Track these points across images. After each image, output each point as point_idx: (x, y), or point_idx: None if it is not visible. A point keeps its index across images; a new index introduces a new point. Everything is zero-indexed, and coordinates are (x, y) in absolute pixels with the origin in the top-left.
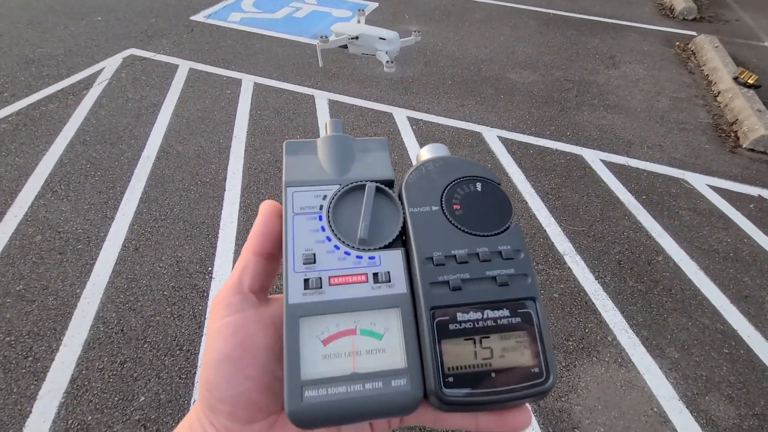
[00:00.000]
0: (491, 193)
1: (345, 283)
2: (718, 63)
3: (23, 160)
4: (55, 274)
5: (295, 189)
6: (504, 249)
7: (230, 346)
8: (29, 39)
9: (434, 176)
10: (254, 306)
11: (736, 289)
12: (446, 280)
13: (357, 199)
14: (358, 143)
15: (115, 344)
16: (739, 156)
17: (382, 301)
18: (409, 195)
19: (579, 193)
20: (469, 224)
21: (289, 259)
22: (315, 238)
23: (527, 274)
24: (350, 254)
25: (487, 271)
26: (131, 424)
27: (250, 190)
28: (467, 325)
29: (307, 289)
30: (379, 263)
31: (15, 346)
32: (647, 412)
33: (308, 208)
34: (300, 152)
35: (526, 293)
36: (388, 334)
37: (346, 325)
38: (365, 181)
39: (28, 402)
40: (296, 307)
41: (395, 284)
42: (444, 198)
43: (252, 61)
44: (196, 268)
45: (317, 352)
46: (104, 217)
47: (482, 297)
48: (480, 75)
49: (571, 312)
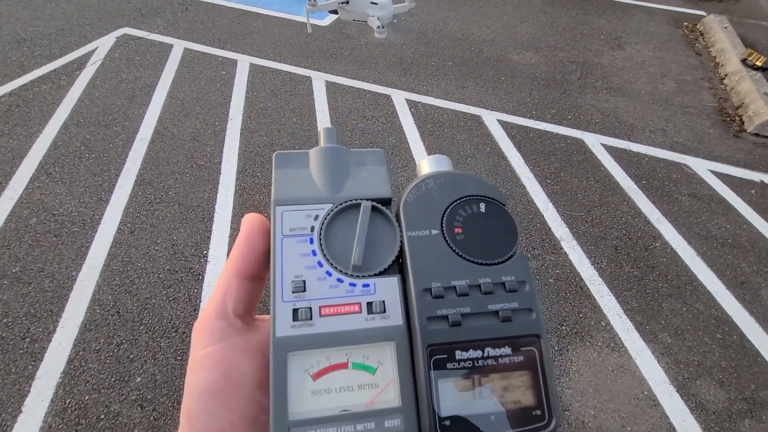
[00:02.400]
0: (496, 215)
1: (337, 313)
2: (727, 44)
3: (17, 142)
4: (50, 257)
5: (284, 208)
6: (507, 280)
7: (213, 378)
8: (20, 17)
9: (435, 195)
10: (239, 332)
11: (732, 275)
12: (445, 315)
13: (351, 220)
14: (353, 156)
15: (111, 326)
16: (743, 141)
17: (377, 334)
18: (408, 216)
19: (578, 177)
20: (471, 251)
21: (277, 286)
22: (305, 263)
23: (532, 309)
24: (343, 281)
25: (489, 305)
26: (128, 404)
27: (245, 173)
28: (466, 364)
29: (296, 320)
30: (374, 291)
31: (12, 328)
32: (638, 396)
33: (298, 229)
34: (291, 165)
35: (530, 330)
36: (381, 369)
37: (337, 359)
38: (360, 200)
39: (27, 382)
40: (284, 340)
41: (390, 315)
42: (445, 221)
43: (248, 41)
44: (191, 251)
45: (306, 388)
46: (99, 199)
47: (483, 334)
48: (481, 56)
49: (565, 297)
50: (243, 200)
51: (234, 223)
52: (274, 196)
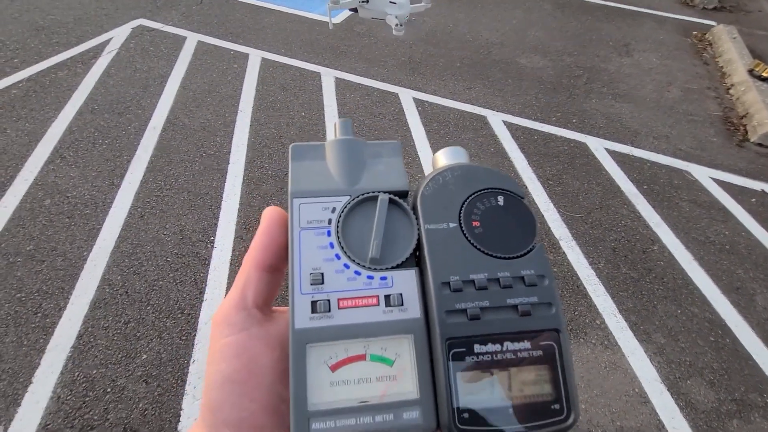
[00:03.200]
0: (514, 208)
1: (355, 306)
2: (734, 54)
3: (33, 126)
4: (63, 237)
5: (302, 200)
6: (527, 274)
7: (234, 368)
8: (39, 6)
9: (452, 188)
10: (259, 323)
11: (728, 280)
12: (464, 309)
13: (368, 212)
14: (369, 147)
15: (119, 305)
16: (746, 150)
17: (394, 327)
18: (425, 209)
19: (580, 180)
20: (490, 244)
21: (295, 279)
22: (323, 255)
23: (552, 303)
24: (360, 274)
25: (508, 299)
26: (134, 379)
27: (254, 164)
28: (485, 358)
29: (314, 312)
30: (392, 284)
31: (25, 303)
32: (628, 392)
33: (316, 222)
34: (307, 157)
35: (550, 324)
36: (399, 360)
37: (355, 351)
38: (377, 192)
39: (38, 354)
40: (303, 332)
41: (408, 308)
42: (462, 214)
43: (260, 36)
44: (198, 236)
45: (325, 380)
46: (111, 184)
47: (502, 328)
48: (489, 58)
49: (562, 295)
50: (250, 190)
51: (241, 212)
52: (292, 188)
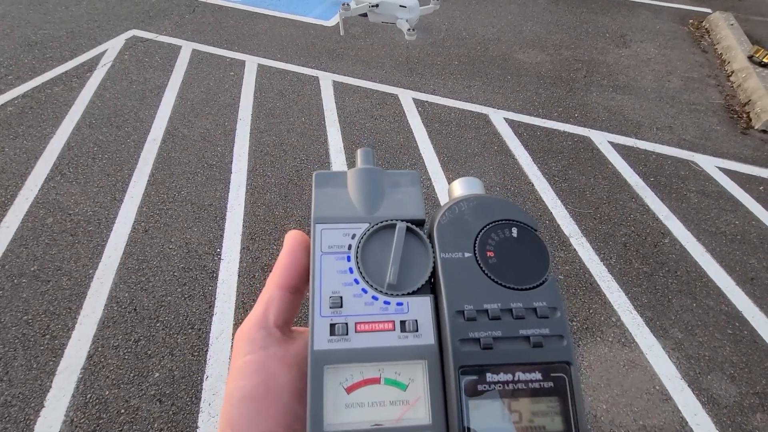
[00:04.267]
0: (528, 240)
1: (371, 330)
2: (733, 41)
3: (31, 143)
4: (67, 255)
5: (323, 226)
6: (539, 306)
7: (253, 385)
8: (31, 20)
9: (467, 218)
10: (278, 343)
11: (742, 271)
12: (477, 338)
13: (386, 239)
14: (388, 177)
15: (128, 323)
16: (751, 137)
17: (409, 352)
18: (441, 238)
19: (586, 175)
20: (503, 275)
21: (315, 301)
22: (342, 280)
23: (563, 336)
24: (378, 299)
25: (521, 330)
26: (147, 399)
27: (256, 172)
28: (496, 387)
29: (333, 335)
30: (407, 310)
31: (32, 325)
32: (649, 390)
33: (336, 247)
34: (329, 185)
35: (561, 357)
36: (412, 385)
37: (370, 374)
38: (395, 220)
39: (48, 377)
40: (322, 353)
41: (423, 334)
42: (477, 244)
43: (255, 42)
44: (205, 249)
45: (340, 401)
46: (113, 199)
47: (514, 358)
48: (487, 55)
49: (575, 293)
50: (254, 199)
51: (246, 222)
52: (314, 214)
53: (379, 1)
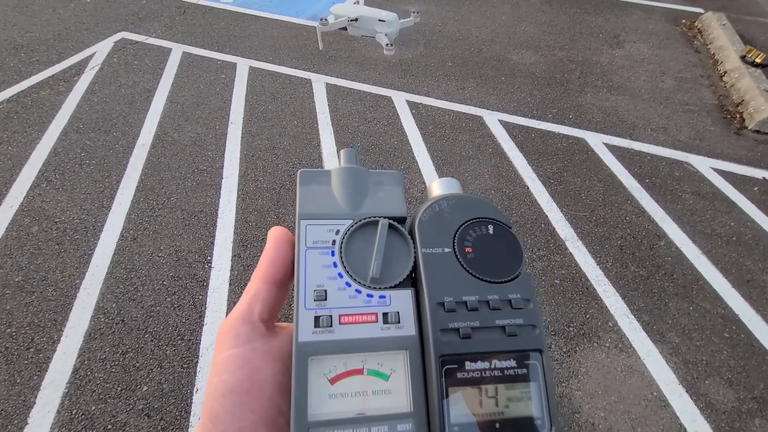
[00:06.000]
0: (503, 237)
1: (355, 322)
2: (725, 41)
3: (16, 149)
4: (53, 265)
5: (308, 222)
6: (514, 298)
7: (237, 379)
8: (17, 23)
9: (447, 215)
10: (263, 337)
11: (738, 273)
12: (456, 328)
13: (369, 235)
14: (371, 176)
15: (116, 335)
16: (744, 138)
17: (391, 343)
18: (422, 234)
19: (581, 177)
20: (481, 269)
21: (300, 294)
22: (327, 274)
23: (535, 325)
24: (361, 292)
25: (497, 320)
26: (135, 414)
27: (247, 177)
28: (474, 374)
29: (317, 327)
30: (389, 303)
31: (16, 338)
32: (647, 397)
33: (321, 242)
34: (314, 182)
35: (534, 345)
36: (394, 376)
37: (353, 365)
38: (378, 217)
39: (32, 393)
40: (306, 345)
41: (404, 325)
42: (456, 240)
43: (247, 44)
44: (195, 257)
45: (324, 392)
46: (101, 206)
47: (491, 346)
48: (480, 56)
49: (572, 298)
50: (246, 205)
51: (237, 229)
52: (299, 210)
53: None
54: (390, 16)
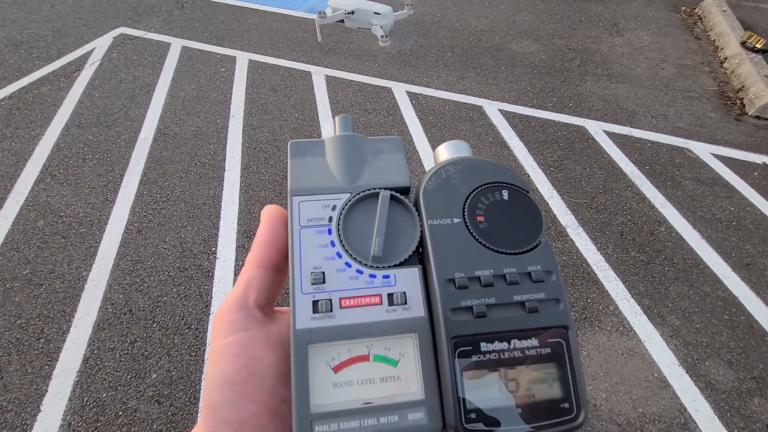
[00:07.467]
0: (519, 202)
1: (357, 305)
2: (726, 27)
3: (19, 145)
4: (60, 258)
5: (301, 198)
6: (534, 270)
7: (234, 368)
8: (15, 20)
9: (455, 182)
10: (259, 323)
11: (737, 257)
12: (469, 306)
13: (369, 209)
14: (370, 144)
15: (124, 324)
16: (745, 123)
17: (398, 326)
18: (428, 204)
19: (582, 165)
20: (495, 240)
21: (296, 278)
22: (324, 254)
23: (559, 300)
24: (363, 273)
25: (515, 296)
26: (145, 400)
27: (249, 169)
28: (492, 356)
29: (316, 312)
30: (394, 282)
31: (26, 329)
32: (648, 378)
33: (316, 220)
34: (306, 154)
35: (558, 321)
36: (403, 361)
37: (358, 351)
38: (378, 189)
39: (44, 381)
40: (305, 333)
41: (412, 306)
42: (467, 208)
43: (246, 37)
44: (200, 248)
45: (327, 381)
46: (105, 200)
47: (509, 325)
48: (480, 46)
49: (573, 283)
50: (249, 197)
51: (241, 220)
52: (291, 186)
53: (355, 8)
54: (384, 8)
